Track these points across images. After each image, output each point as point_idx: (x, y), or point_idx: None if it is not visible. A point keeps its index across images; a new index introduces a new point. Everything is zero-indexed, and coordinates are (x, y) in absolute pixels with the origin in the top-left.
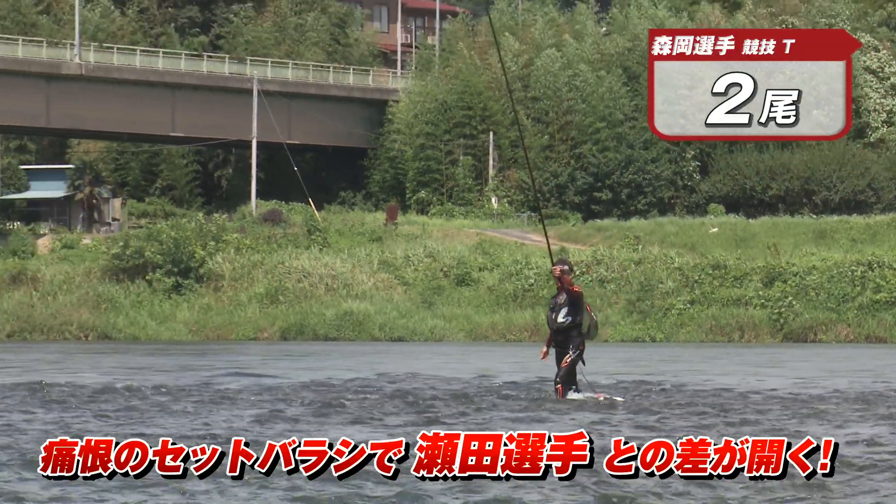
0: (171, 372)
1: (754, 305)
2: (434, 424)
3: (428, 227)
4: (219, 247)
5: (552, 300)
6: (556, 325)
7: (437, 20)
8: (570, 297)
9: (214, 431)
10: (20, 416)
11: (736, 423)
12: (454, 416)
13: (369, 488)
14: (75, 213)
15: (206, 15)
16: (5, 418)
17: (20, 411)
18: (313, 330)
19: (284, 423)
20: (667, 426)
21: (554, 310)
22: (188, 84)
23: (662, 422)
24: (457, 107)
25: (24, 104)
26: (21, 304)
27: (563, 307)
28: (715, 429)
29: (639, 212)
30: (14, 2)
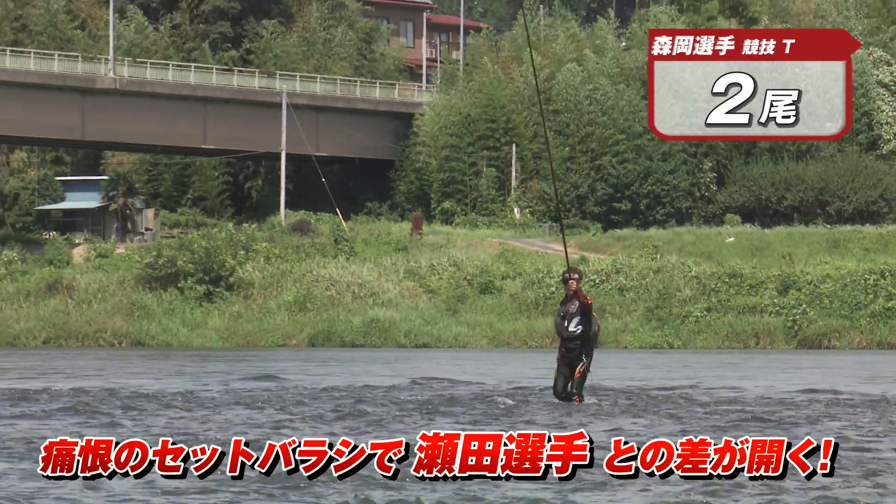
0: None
1: (769, 313)
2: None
3: (452, 236)
4: (249, 256)
5: (561, 308)
6: (567, 334)
7: (461, 35)
8: (582, 307)
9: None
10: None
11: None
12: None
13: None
14: (109, 223)
15: (237, 30)
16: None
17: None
18: (340, 337)
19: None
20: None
21: (565, 318)
22: (219, 98)
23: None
24: (480, 120)
25: (60, 117)
26: (57, 311)
27: (576, 316)
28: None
29: (657, 222)
30: (51, 18)
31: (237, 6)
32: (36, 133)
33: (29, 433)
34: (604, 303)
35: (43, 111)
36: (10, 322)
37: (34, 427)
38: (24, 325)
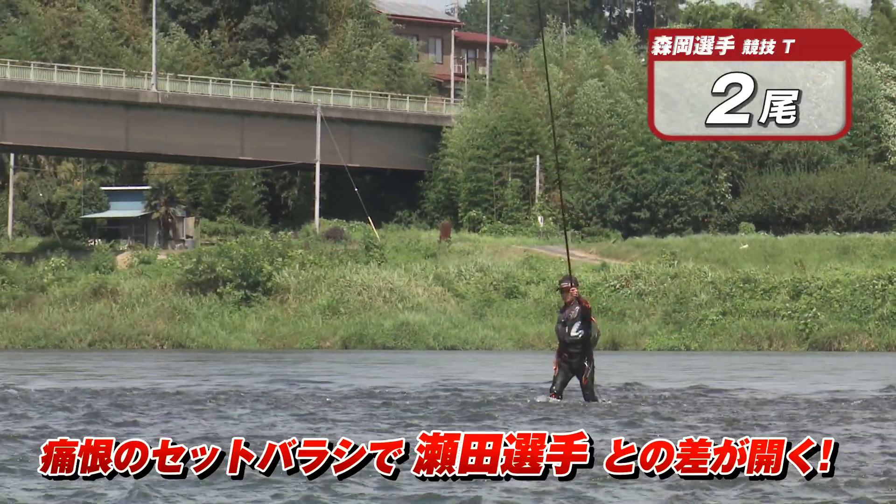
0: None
1: (782, 316)
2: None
3: (479, 243)
4: (285, 262)
5: (561, 314)
6: (569, 339)
7: (487, 52)
8: (582, 311)
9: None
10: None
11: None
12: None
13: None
14: (152, 230)
15: (274, 47)
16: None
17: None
18: (372, 339)
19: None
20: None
21: (566, 324)
22: (257, 111)
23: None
24: (506, 132)
25: (105, 130)
26: (101, 315)
27: (576, 321)
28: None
29: (675, 230)
30: (97, 35)
31: (274, 24)
32: (82, 145)
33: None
34: (623, 307)
35: (89, 124)
36: (58, 325)
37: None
38: (70, 329)
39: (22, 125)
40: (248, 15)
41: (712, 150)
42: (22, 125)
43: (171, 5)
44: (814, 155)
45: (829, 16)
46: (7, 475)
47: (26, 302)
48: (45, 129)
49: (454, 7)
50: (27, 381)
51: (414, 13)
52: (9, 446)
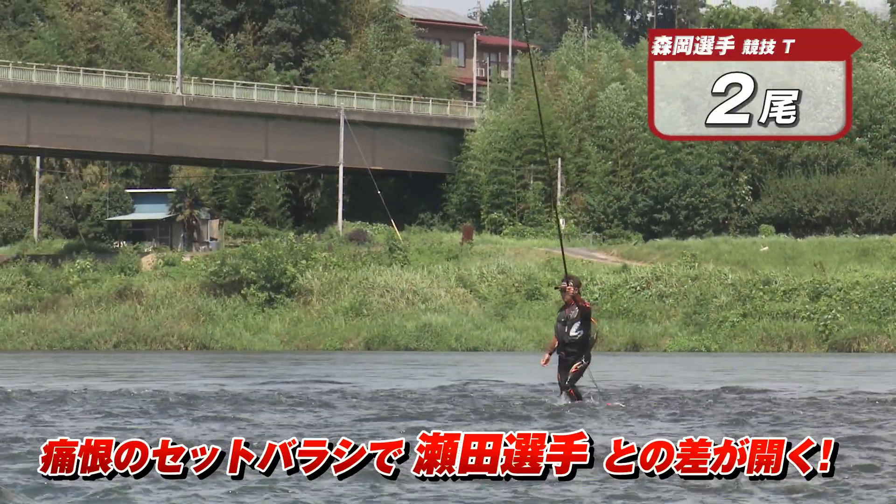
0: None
1: (802, 318)
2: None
3: (501, 245)
4: (308, 264)
5: (561, 313)
6: (568, 339)
7: (509, 56)
8: (582, 312)
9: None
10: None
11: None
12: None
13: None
14: (176, 233)
15: (298, 50)
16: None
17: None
18: (395, 341)
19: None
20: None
21: (566, 324)
22: (280, 114)
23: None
24: (528, 135)
25: (130, 133)
26: (126, 316)
27: (576, 321)
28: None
29: (695, 232)
30: (123, 39)
31: (298, 28)
32: (107, 148)
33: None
34: (644, 308)
35: (114, 127)
36: (83, 326)
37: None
38: (96, 330)
39: (48, 128)
40: (273, 19)
41: (732, 153)
42: (48, 128)
43: (196, 10)
44: (833, 157)
45: (848, 19)
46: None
47: (52, 303)
48: (70, 133)
49: (477, 11)
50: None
51: (437, 17)
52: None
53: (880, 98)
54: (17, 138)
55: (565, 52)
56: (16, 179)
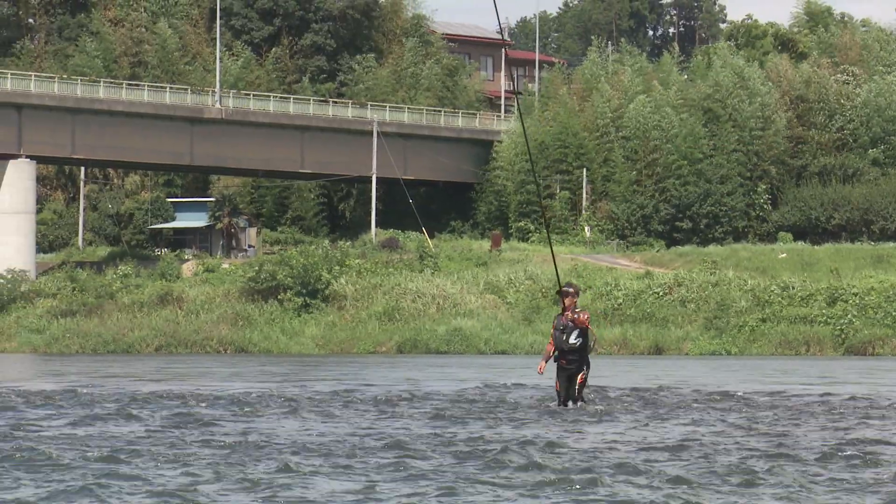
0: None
1: (818, 322)
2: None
3: (528, 253)
4: (342, 271)
5: (559, 321)
6: (567, 346)
7: (536, 69)
8: (581, 319)
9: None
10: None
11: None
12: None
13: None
14: (216, 240)
15: (332, 65)
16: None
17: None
18: (426, 344)
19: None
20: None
21: (564, 331)
22: (316, 126)
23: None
24: (554, 146)
25: (171, 145)
26: (167, 321)
27: (575, 329)
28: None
29: (716, 239)
30: (166, 55)
31: (333, 42)
32: (149, 159)
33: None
34: (666, 313)
35: (155, 139)
36: (126, 331)
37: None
38: (138, 334)
39: (92, 140)
40: (308, 33)
41: (752, 164)
42: (92, 140)
43: (235, 25)
44: (849, 168)
45: (863, 34)
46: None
47: (96, 308)
48: (114, 144)
49: (505, 26)
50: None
51: (466, 32)
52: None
53: (893, 110)
54: (63, 149)
55: (591, 66)
56: (61, 189)
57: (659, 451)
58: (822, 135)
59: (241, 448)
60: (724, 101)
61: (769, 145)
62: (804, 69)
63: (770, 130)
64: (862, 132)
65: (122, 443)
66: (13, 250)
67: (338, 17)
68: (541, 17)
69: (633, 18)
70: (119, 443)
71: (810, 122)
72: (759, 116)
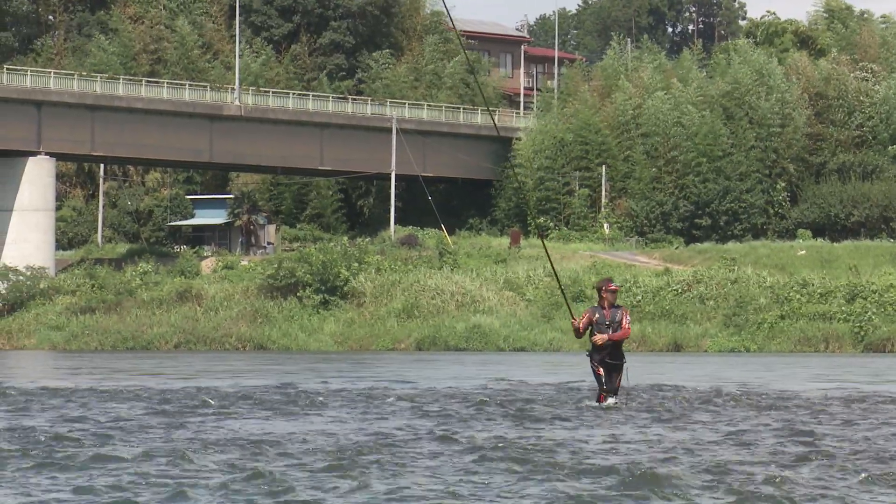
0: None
1: (838, 319)
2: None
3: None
4: (361, 268)
5: (600, 314)
6: (615, 341)
7: (555, 66)
8: (622, 315)
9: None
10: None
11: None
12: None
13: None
14: (235, 237)
15: (351, 62)
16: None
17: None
18: (445, 341)
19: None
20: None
21: (610, 326)
22: (335, 123)
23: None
24: (574, 143)
25: (190, 142)
26: (187, 318)
27: (618, 325)
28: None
29: (735, 236)
30: (185, 51)
31: (351, 39)
32: (168, 156)
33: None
34: (685, 310)
35: (175, 136)
36: (145, 327)
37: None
38: (157, 331)
39: (111, 137)
40: (327, 31)
41: (770, 161)
42: (111, 137)
43: (255, 22)
44: (868, 164)
45: (883, 30)
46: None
47: (115, 305)
48: (133, 141)
49: (524, 24)
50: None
51: (486, 30)
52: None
53: None
54: (82, 146)
55: (611, 63)
56: (80, 186)
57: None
58: (842, 132)
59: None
60: (744, 98)
61: (788, 142)
62: (823, 66)
63: (789, 127)
64: (881, 129)
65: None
66: (33, 247)
67: (357, 14)
68: (560, 14)
69: (652, 15)
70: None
71: (829, 119)
72: (778, 113)
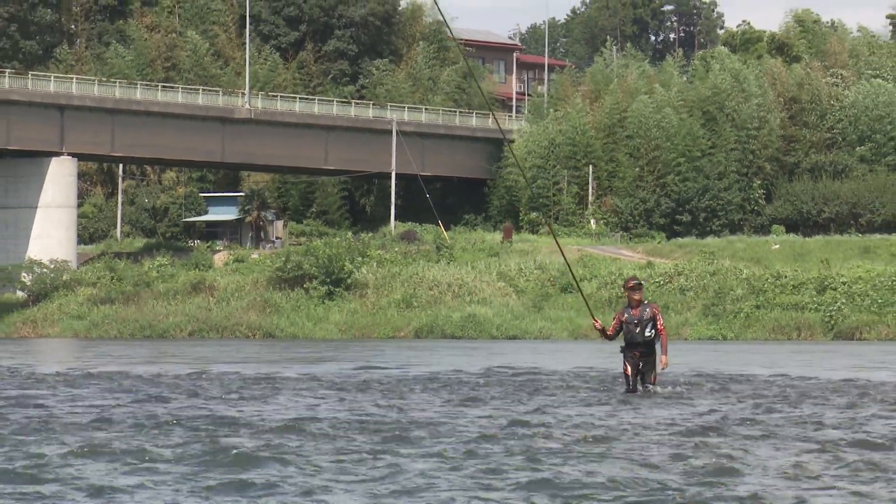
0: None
1: (809, 309)
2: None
3: (538, 244)
4: (364, 261)
5: (629, 314)
6: (642, 339)
7: (545, 72)
8: (653, 312)
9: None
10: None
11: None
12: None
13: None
14: (245, 232)
15: (354, 68)
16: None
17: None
18: (442, 330)
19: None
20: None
21: (639, 325)
22: (339, 126)
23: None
24: (563, 144)
25: (203, 143)
26: (200, 308)
27: (648, 322)
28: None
29: (713, 231)
30: (198, 59)
31: (355, 47)
32: (183, 156)
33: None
34: (667, 301)
35: (189, 137)
36: (161, 317)
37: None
38: (172, 320)
39: (130, 139)
40: (332, 39)
41: (748, 161)
42: (130, 139)
43: (264, 31)
44: (838, 164)
45: (852, 39)
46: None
47: (133, 296)
48: (150, 142)
49: (516, 32)
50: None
51: (480, 38)
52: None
53: (879, 110)
54: (102, 147)
55: (600, 69)
56: (101, 184)
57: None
58: (814, 133)
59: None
60: (723, 102)
61: (764, 144)
62: (797, 71)
63: (765, 130)
64: (850, 131)
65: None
66: (56, 242)
67: (359, 23)
68: (550, 23)
69: (636, 24)
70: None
71: (803, 122)
72: (754, 116)
